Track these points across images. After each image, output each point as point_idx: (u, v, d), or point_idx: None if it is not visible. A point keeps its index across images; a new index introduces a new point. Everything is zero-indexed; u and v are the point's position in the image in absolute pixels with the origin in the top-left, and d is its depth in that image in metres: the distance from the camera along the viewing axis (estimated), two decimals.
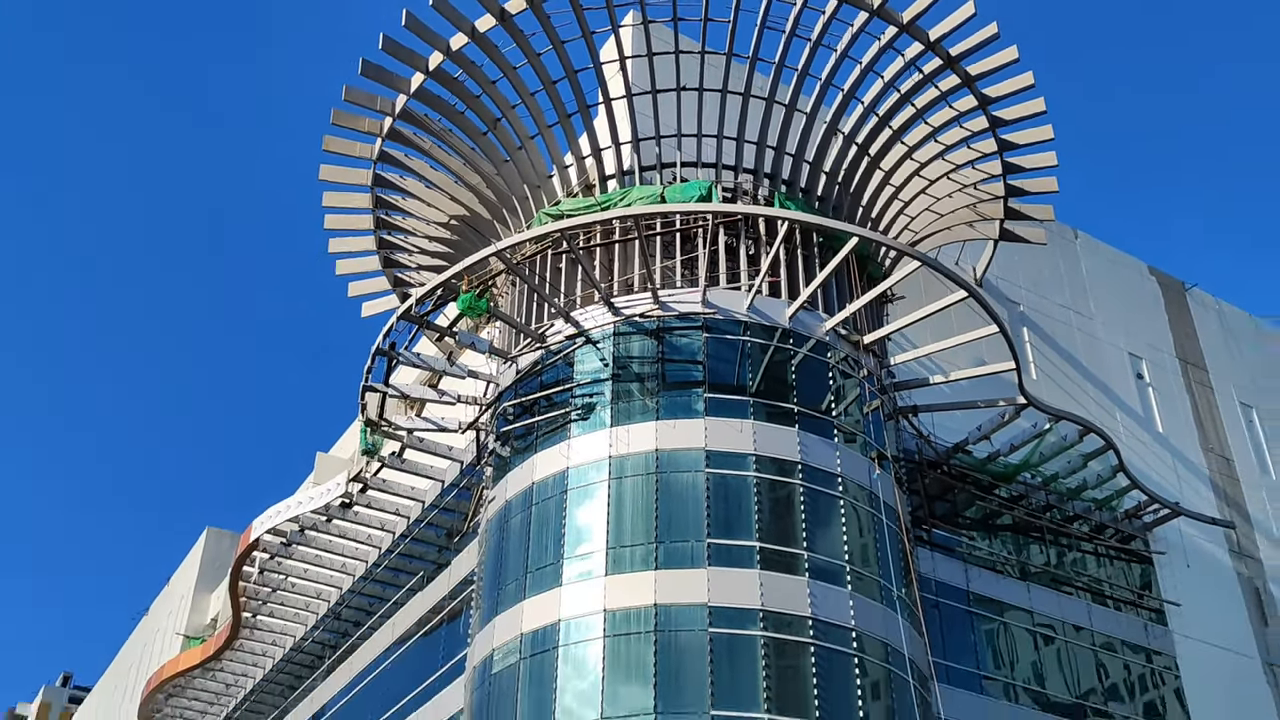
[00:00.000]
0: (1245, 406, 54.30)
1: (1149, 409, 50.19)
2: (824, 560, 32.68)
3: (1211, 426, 52.07)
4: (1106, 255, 55.08)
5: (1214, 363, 54.65)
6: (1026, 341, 47.05)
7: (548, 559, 33.66)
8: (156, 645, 75.16)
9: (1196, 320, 55.86)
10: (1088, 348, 49.89)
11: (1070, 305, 50.84)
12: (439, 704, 39.99)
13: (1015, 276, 48.49)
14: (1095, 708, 41.11)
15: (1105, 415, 46.61)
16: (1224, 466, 51.03)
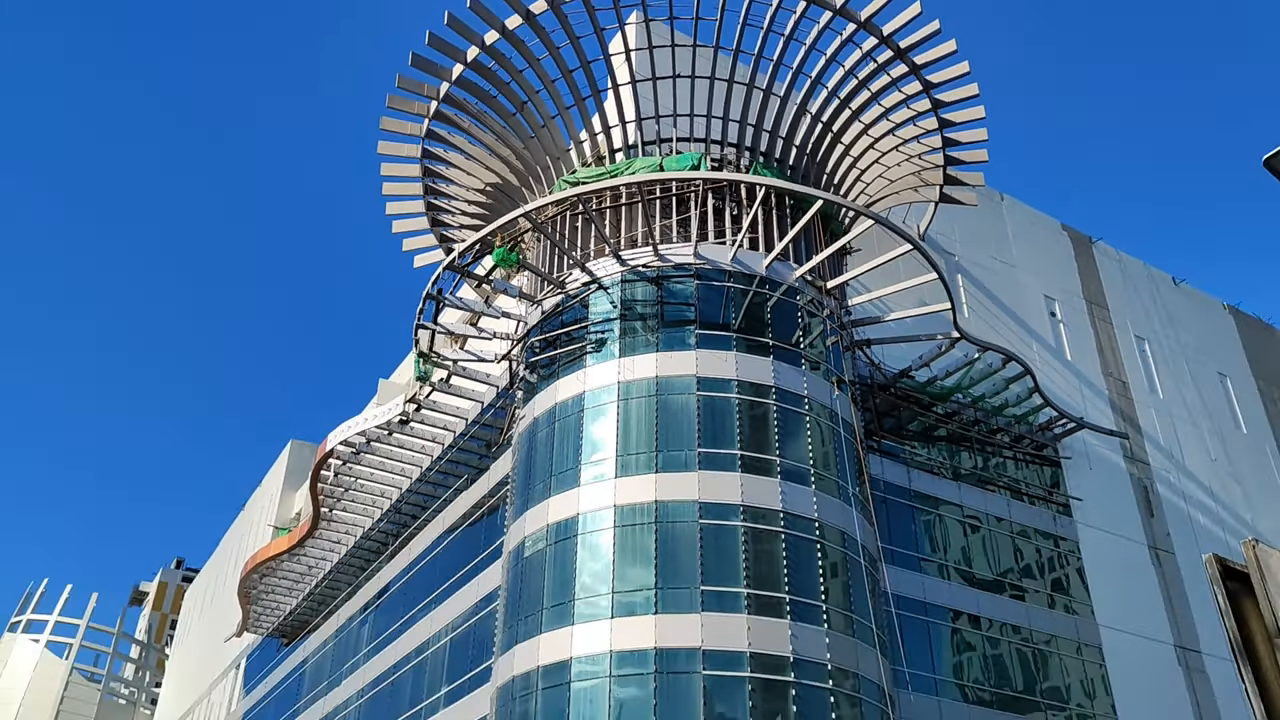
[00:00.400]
0: (1139, 339, 54.10)
1: (1060, 341, 50.02)
2: (792, 465, 32.79)
3: (1111, 355, 51.91)
4: (1026, 214, 54.54)
5: (1114, 302, 54.36)
6: (960, 286, 46.76)
7: (568, 464, 33.79)
8: (251, 535, 75.80)
9: (1100, 268, 55.46)
10: (1010, 291, 49.58)
11: (996, 256, 50.44)
12: (481, 581, 40.37)
13: (951, 232, 48.06)
14: (1012, 583, 41.44)
15: (1024, 346, 46.46)
16: (1120, 388, 50.94)
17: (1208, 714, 42.72)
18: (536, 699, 30.29)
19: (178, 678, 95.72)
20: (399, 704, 44.47)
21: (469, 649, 39.71)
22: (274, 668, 64.93)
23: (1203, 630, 44.99)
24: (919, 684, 35.72)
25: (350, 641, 53.65)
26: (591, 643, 29.90)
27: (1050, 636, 40.70)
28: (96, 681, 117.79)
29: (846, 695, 29.89)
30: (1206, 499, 50.27)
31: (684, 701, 28.56)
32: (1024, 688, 39.18)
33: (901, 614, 36.36)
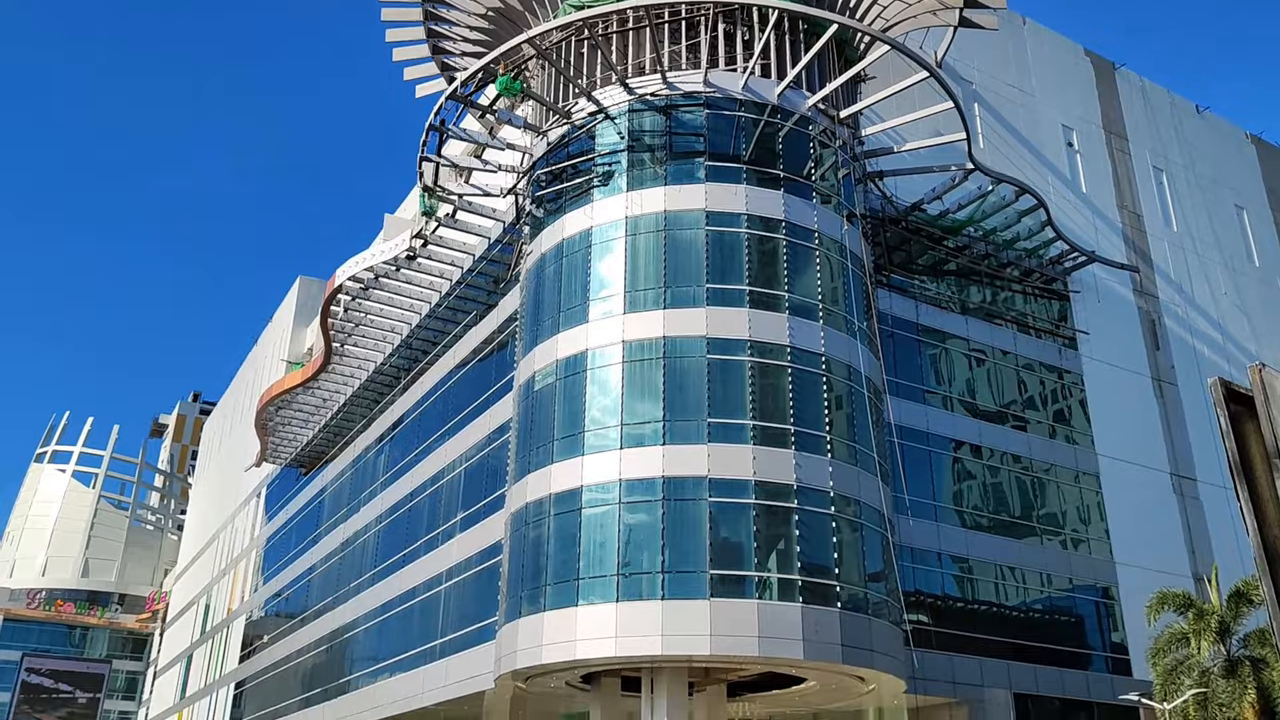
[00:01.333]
0: (1157, 170, 53.08)
1: (1075, 173, 49.12)
2: (801, 300, 32.85)
3: (1127, 187, 51.08)
4: (1048, 39, 52.52)
5: (1134, 132, 53.04)
6: (976, 115, 45.51)
7: (576, 300, 33.90)
8: (265, 370, 76.99)
9: (1122, 95, 53.82)
10: (1027, 120, 48.35)
11: (1015, 84, 48.91)
12: (492, 415, 41.20)
13: (969, 59, 46.42)
14: (1014, 415, 42.19)
15: (1039, 178, 45.63)
16: (1134, 221, 50.36)
17: (1198, 538, 44.21)
18: (549, 524, 31.41)
19: (201, 506, 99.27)
20: (416, 529, 46.21)
21: (483, 477, 40.92)
22: (293, 496, 67.22)
23: (1199, 459, 46.03)
24: (919, 510, 36.89)
25: (367, 471, 55.28)
26: (601, 472, 30.77)
27: (1049, 465, 41.73)
28: (124, 510, 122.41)
29: (848, 521, 30.92)
30: (1213, 332, 50.48)
31: (690, 527, 29.60)
32: (1021, 514, 40.46)
33: (904, 444, 37.20)
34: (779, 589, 29.08)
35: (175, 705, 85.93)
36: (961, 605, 37.80)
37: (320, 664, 54.00)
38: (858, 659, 29.45)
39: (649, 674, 30.38)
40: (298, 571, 61.89)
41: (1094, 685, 38.21)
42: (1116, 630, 40.55)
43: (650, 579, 29.11)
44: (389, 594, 46.92)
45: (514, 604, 31.88)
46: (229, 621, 75.28)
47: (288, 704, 56.83)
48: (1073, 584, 40.53)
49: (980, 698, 35.41)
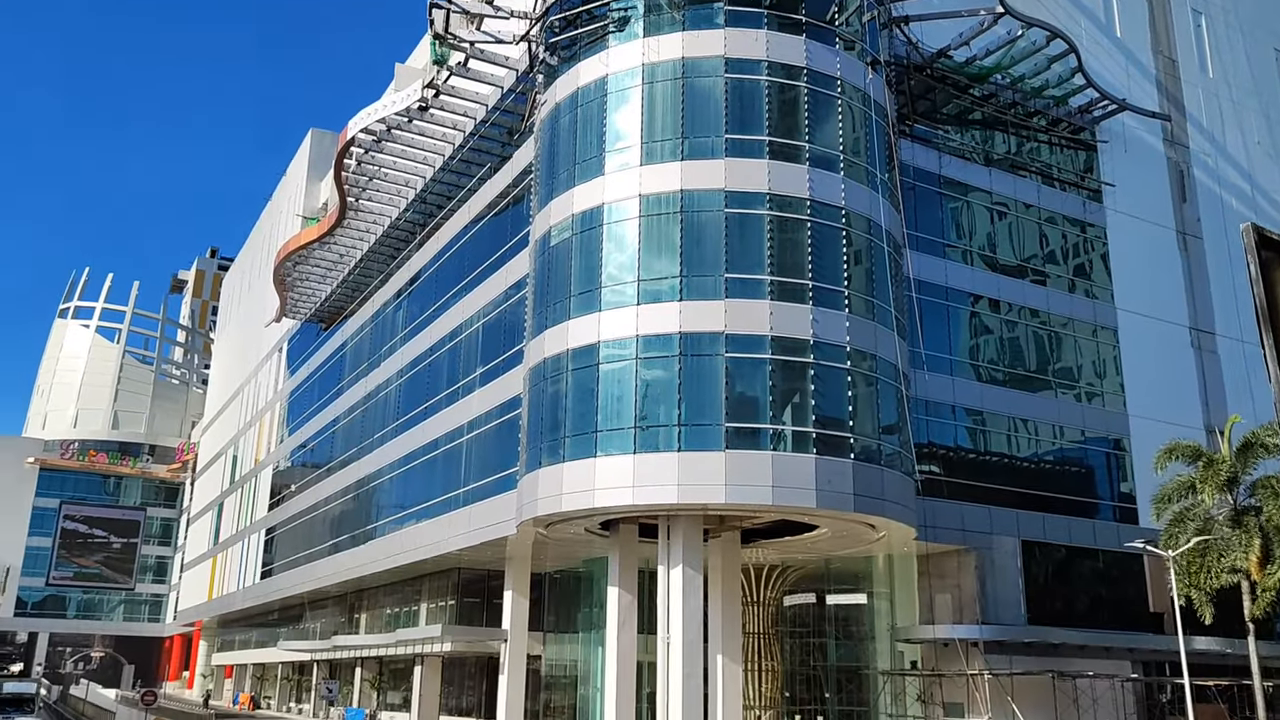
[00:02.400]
0: (1195, 13, 50.87)
1: (1110, 16, 47.12)
2: (821, 151, 32.21)
3: (1164, 30, 49.07)
4: None
5: None
6: None
7: (591, 153, 33.35)
8: (281, 225, 76.78)
9: None
10: None
11: None
12: (509, 270, 41.16)
13: None
14: (1034, 269, 41.82)
15: (1071, 22, 43.79)
16: (1168, 66, 48.59)
17: (1213, 391, 44.38)
18: (567, 379, 31.79)
19: (224, 360, 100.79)
20: (436, 384, 46.90)
21: (501, 333, 41.21)
22: (314, 351, 68.09)
23: (1220, 313, 45.76)
24: (935, 364, 37.07)
25: (386, 326, 55.75)
26: (618, 328, 30.90)
27: (1067, 319, 41.62)
28: (148, 364, 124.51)
29: (863, 375, 31.14)
30: (1243, 183, 49.36)
31: (707, 382, 29.90)
32: (1036, 368, 40.61)
33: (922, 298, 37.10)
34: (793, 441, 29.56)
35: (209, 550, 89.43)
36: (973, 456, 38.40)
37: (347, 511, 55.80)
38: (869, 508, 30.17)
39: (665, 521, 31.27)
40: (322, 424, 63.27)
41: (1101, 533, 39.13)
42: (1126, 481, 41.24)
43: (667, 431, 29.62)
44: (412, 445, 48.02)
45: (534, 455, 32.60)
46: (257, 471, 77.51)
47: (317, 549, 59.05)
48: (1085, 436, 41.02)
49: (988, 545, 36.38)
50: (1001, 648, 34.85)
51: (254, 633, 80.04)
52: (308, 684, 67.72)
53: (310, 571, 59.41)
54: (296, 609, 68.72)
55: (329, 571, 56.21)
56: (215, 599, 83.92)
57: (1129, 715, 37.37)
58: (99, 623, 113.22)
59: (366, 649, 55.11)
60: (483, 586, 47.60)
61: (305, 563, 60.78)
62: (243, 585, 75.36)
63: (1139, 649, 37.91)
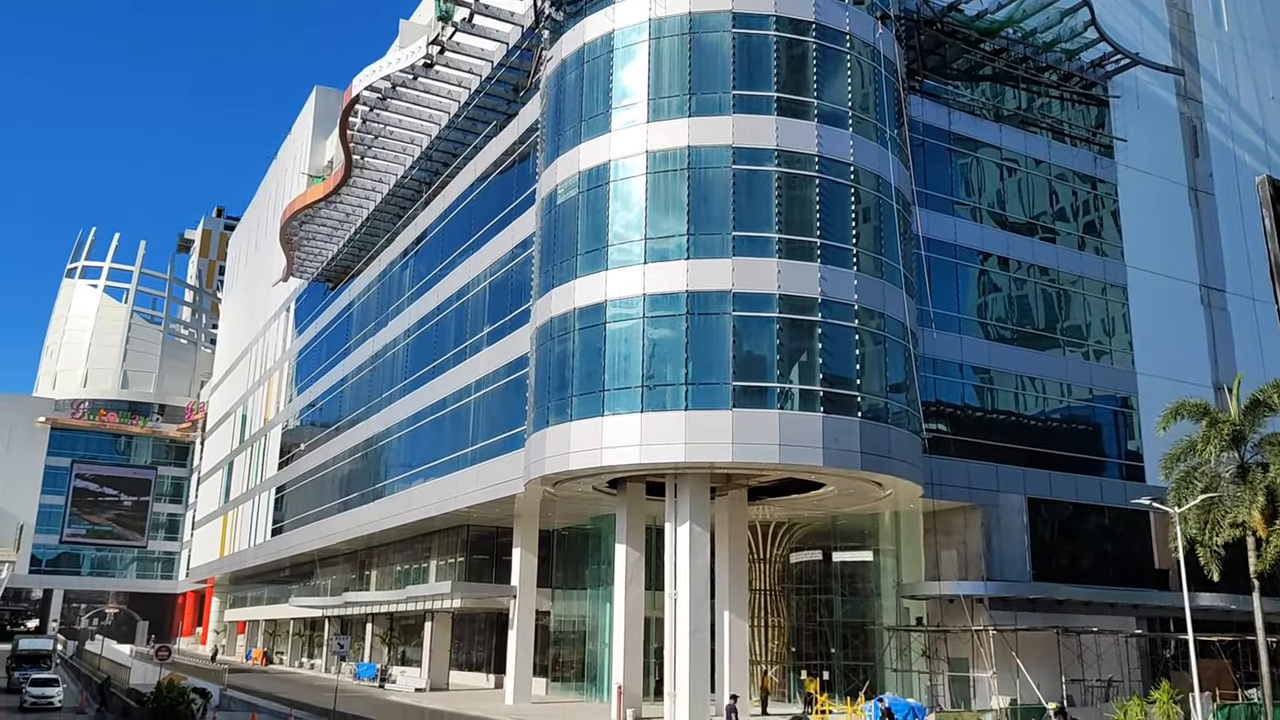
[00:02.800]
0: None
1: None
2: (830, 107, 31.93)
3: None
4: None
5: None
6: None
7: (598, 110, 33.13)
8: (287, 184, 76.57)
9: None
10: None
11: None
12: (515, 228, 41.05)
13: None
14: (1044, 226, 41.57)
15: None
16: (1183, 20, 47.89)
17: (1222, 349, 44.25)
18: (574, 338, 31.83)
19: (232, 320, 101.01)
20: (444, 343, 46.99)
21: (507, 292, 41.20)
22: (322, 310, 68.18)
23: (1230, 269, 45.52)
24: (943, 322, 37.00)
25: (393, 285, 55.76)
26: (625, 287, 30.87)
27: (1077, 277, 41.43)
28: (156, 324, 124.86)
29: (871, 333, 31.11)
30: (1256, 138, 48.85)
31: (714, 341, 29.91)
32: (1045, 326, 40.51)
33: (931, 256, 36.92)
34: (800, 399, 29.62)
35: (220, 508, 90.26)
36: (980, 415, 38.44)
37: (356, 470, 56.20)
38: (875, 465, 30.28)
39: (673, 480, 31.44)
40: (330, 383, 63.53)
41: (1107, 491, 39.24)
42: (1133, 439, 41.26)
43: (674, 390, 29.69)
44: (420, 404, 48.24)
45: (541, 414, 32.72)
46: (266, 431, 77.98)
47: (327, 507, 59.56)
48: (1092, 394, 40.99)
49: (995, 503, 36.52)
50: (1006, 604, 35.11)
51: (266, 589, 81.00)
52: (320, 640, 68.66)
53: (320, 529, 59.98)
54: (307, 566, 69.47)
55: (339, 529, 56.74)
56: (227, 556, 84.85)
57: (1132, 670, 37.69)
58: (113, 579, 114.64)
59: (377, 605, 55.77)
60: (491, 543, 48.04)
61: (315, 520, 61.36)
62: (254, 543, 76.15)
63: (1143, 605, 38.18)
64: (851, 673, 39.55)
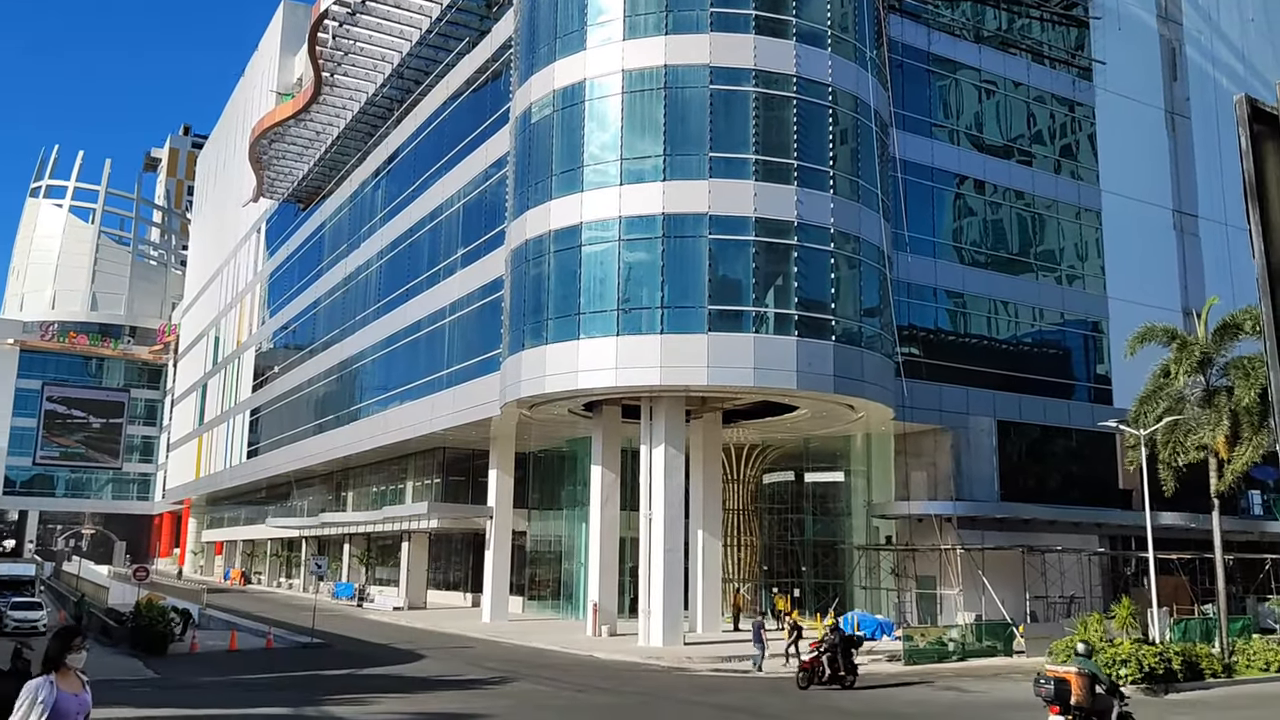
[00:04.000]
0: None
1: None
2: (808, 25, 31.39)
3: None
4: None
5: None
6: None
7: (573, 26, 32.44)
8: (255, 101, 74.80)
9: None
10: None
11: None
12: (489, 148, 40.41)
13: None
14: (1021, 149, 41.43)
15: None
16: None
17: (1193, 274, 44.63)
18: (549, 261, 31.60)
19: (202, 241, 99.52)
20: (418, 265, 46.55)
21: (482, 213, 40.72)
22: (293, 231, 67.23)
23: (1204, 194, 45.67)
24: (918, 246, 37.01)
25: (365, 206, 54.97)
26: (601, 209, 30.58)
27: (1052, 201, 41.45)
28: (125, 245, 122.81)
29: (846, 257, 31.08)
30: (1235, 62, 48.62)
31: (690, 264, 29.79)
32: (1019, 250, 40.63)
33: (907, 179, 36.80)
34: (775, 323, 29.68)
35: (195, 431, 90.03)
36: (953, 339, 38.73)
37: (331, 392, 56.06)
38: (849, 389, 30.53)
39: (648, 402, 31.59)
40: (303, 305, 62.97)
41: (1075, 414, 39.83)
42: (1102, 363, 41.77)
43: (650, 314, 29.64)
44: (394, 327, 47.97)
45: (517, 337, 32.64)
46: (239, 353, 77.47)
47: (303, 429, 59.53)
48: (1064, 319, 41.36)
49: (965, 425, 37.03)
50: (974, 523, 35.84)
51: (243, 510, 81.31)
52: (297, 560, 69.22)
53: (296, 451, 60.03)
54: (284, 487, 69.68)
55: (315, 451, 56.80)
56: (203, 478, 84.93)
57: (1094, 587, 38.73)
58: (88, 501, 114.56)
59: (354, 526, 56.17)
60: (467, 465, 48.30)
61: (291, 442, 61.36)
62: (229, 464, 76.17)
63: (1106, 524, 39.08)
64: (821, 590, 40.42)
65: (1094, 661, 16.52)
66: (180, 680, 22.94)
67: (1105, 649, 23.31)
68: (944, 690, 22.89)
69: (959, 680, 24.63)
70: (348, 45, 48.47)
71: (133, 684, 21.86)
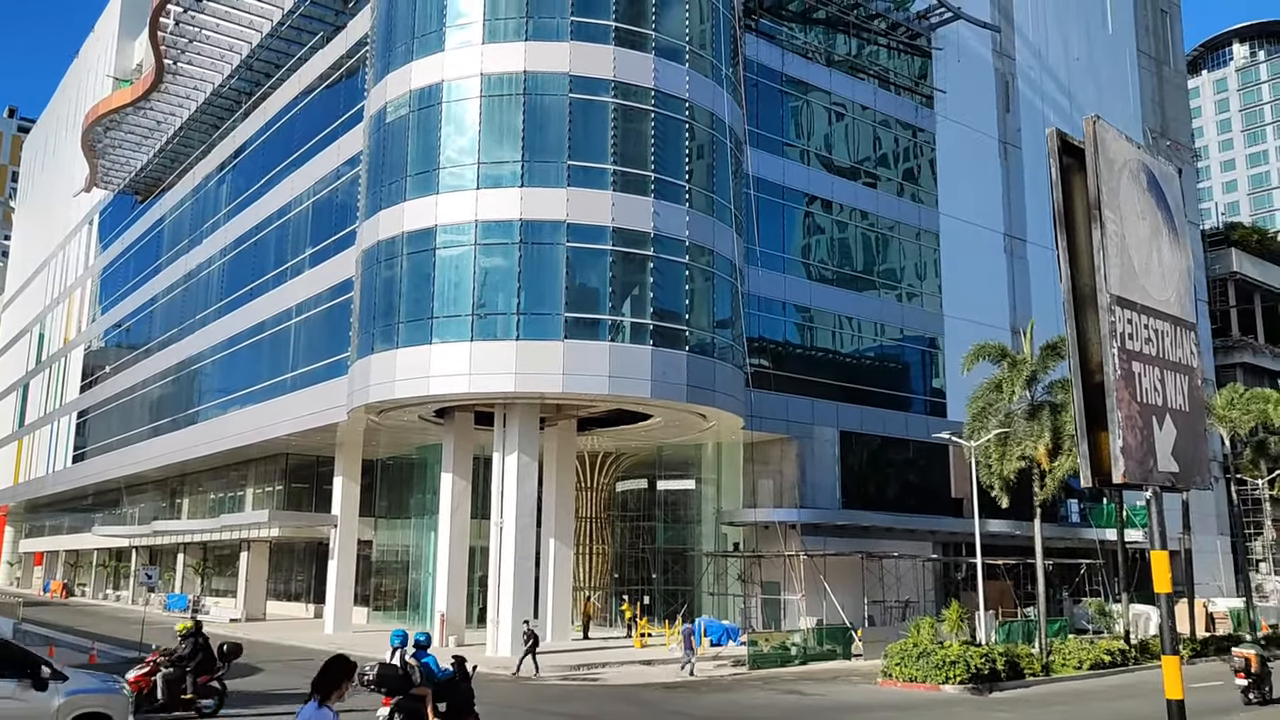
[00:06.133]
0: None
1: None
2: (668, 41, 31.86)
3: None
4: None
5: None
6: None
7: (431, 27, 31.98)
8: (90, 86, 70.65)
9: None
10: None
11: None
12: (341, 146, 39.32)
13: None
14: (867, 171, 43.08)
15: None
16: None
17: (1021, 295, 47.34)
18: (402, 263, 30.97)
19: (27, 230, 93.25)
20: (263, 264, 44.82)
21: (332, 212, 39.57)
22: (130, 224, 63.72)
23: (1032, 221, 48.53)
24: (769, 262, 38.00)
25: (209, 201, 52.60)
26: (457, 212, 30.18)
27: (894, 223, 43.25)
28: None
29: (701, 270, 31.62)
30: (1062, 98, 51.90)
31: (547, 271, 29.72)
32: (863, 268, 42.22)
33: (759, 196, 37.75)
34: (631, 332, 29.91)
35: (14, 433, 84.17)
36: (800, 351, 39.91)
37: (168, 395, 53.35)
38: (701, 399, 31.03)
39: (502, 409, 31.31)
40: (139, 302, 59.74)
41: (912, 425, 41.61)
42: (938, 377, 43.80)
43: (505, 320, 29.42)
44: (237, 327, 46.03)
45: (366, 340, 31.84)
46: (67, 351, 72.86)
47: (136, 433, 56.42)
48: (903, 334, 43.18)
49: (809, 435, 38.17)
50: (817, 530, 36.95)
51: (66, 518, 76.34)
52: (126, 570, 65.47)
53: (128, 455, 56.82)
54: (113, 494, 65.79)
55: (149, 455, 53.90)
56: (21, 483, 79.37)
57: (928, 592, 40.49)
58: None
59: (190, 534, 53.55)
60: (312, 472, 46.76)
61: (122, 446, 58.04)
62: (53, 469, 71.47)
63: (940, 531, 40.95)
64: (671, 597, 40.88)
65: (1258, 645, 23.41)
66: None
67: (936, 651, 24.40)
68: (786, 694, 23.48)
69: (800, 684, 25.32)
70: (193, 32, 46.35)
71: None
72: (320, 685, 6.56)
